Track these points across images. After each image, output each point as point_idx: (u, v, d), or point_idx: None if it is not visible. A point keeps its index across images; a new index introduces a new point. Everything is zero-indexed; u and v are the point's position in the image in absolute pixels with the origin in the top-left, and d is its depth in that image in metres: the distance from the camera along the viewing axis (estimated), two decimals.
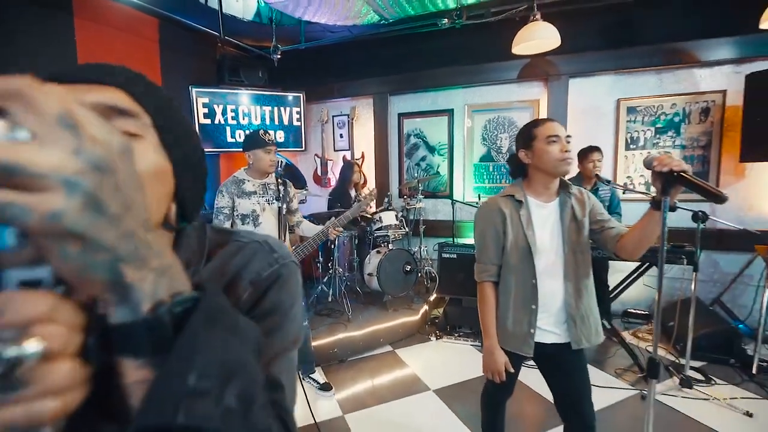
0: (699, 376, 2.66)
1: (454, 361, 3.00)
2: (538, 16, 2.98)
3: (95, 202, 0.24)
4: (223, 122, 4.30)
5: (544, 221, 1.43)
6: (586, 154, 3.10)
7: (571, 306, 1.39)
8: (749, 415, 2.26)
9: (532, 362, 1.55)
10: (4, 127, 0.22)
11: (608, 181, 2.66)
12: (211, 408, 0.26)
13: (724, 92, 3.31)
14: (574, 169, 2.03)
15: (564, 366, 1.45)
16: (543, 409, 2.35)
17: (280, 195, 2.25)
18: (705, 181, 1.12)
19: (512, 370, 1.45)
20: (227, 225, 2.24)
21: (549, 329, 1.42)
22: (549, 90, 3.78)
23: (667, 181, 1.12)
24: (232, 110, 4.34)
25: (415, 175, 4.50)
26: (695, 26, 3.24)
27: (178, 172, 0.44)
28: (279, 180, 2.28)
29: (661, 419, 2.25)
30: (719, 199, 1.07)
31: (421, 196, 4.07)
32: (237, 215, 2.22)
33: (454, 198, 4.21)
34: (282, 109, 4.54)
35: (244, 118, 4.39)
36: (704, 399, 2.43)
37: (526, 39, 3.01)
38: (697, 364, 2.81)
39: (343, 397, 2.56)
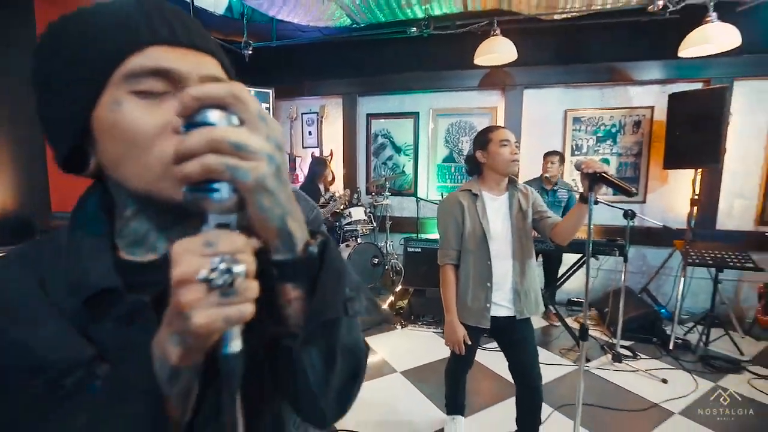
0: (627, 353, 3.08)
1: (418, 346, 3.23)
2: (498, 31, 3.29)
3: (279, 171, 0.34)
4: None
5: (496, 212, 1.70)
6: (544, 156, 3.49)
7: (517, 283, 1.67)
8: (665, 381, 2.68)
9: (488, 346, 1.80)
10: (223, 117, 0.32)
11: (559, 185, 3.04)
12: (359, 305, 0.42)
13: (652, 108, 3.81)
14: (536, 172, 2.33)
15: (515, 336, 1.72)
16: (498, 384, 2.63)
17: None
18: (623, 181, 1.42)
19: (470, 342, 1.68)
20: None
21: (502, 304, 1.67)
22: (506, 98, 4.12)
23: (592, 180, 1.40)
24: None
25: (382, 173, 4.69)
26: (631, 49, 3.70)
27: None
28: None
29: (596, 388, 2.62)
30: (629, 193, 1.37)
31: (388, 194, 4.27)
32: None
33: (419, 196, 4.46)
34: None
35: None
36: (631, 371, 2.84)
37: (487, 52, 3.31)
38: (627, 343, 3.24)
39: None
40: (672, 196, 3.88)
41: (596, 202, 1.48)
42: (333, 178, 4.69)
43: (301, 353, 0.40)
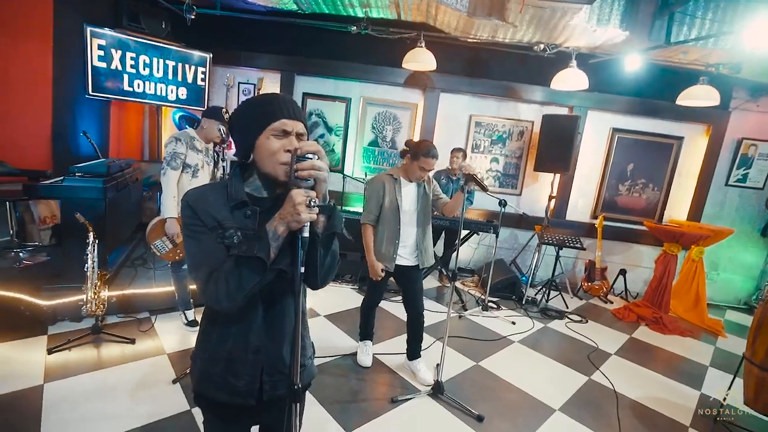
0: (493, 305, 4.16)
1: (338, 298, 3.92)
2: (423, 43, 3.96)
3: (328, 173, 0.88)
4: (120, 69, 4.17)
5: (408, 193, 2.44)
6: (451, 152, 4.31)
7: (418, 242, 2.43)
8: (513, 323, 3.78)
9: (394, 299, 2.55)
10: (314, 155, 0.86)
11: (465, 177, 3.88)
12: (344, 231, 1.02)
13: (532, 123, 4.89)
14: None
15: (409, 278, 2.50)
16: (398, 324, 3.45)
17: (215, 160, 2.75)
18: (482, 180, 2.23)
19: (382, 275, 2.41)
20: (179, 170, 2.63)
21: (405, 257, 2.43)
22: (426, 98, 4.87)
23: (467, 178, 2.18)
24: (131, 58, 4.23)
25: None
26: (521, 74, 4.69)
27: None
28: (216, 149, 2.76)
29: (469, 327, 3.59)
30: (485, 189, 2.18)
31: None
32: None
33: (345, 173, 5.05)
34: (186, 66, 4.59)
35: (144, 69, 4.31)
36: (493, 317, 3.89)
37: (412, 59, 3.98)
38: (495, 299, 4.33)
39: None
40: (540, 191, 5.07)
41: (470, 191, 2.27)
42: None
43: (318, 246, 0.95)
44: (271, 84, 5.04)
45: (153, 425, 1.98)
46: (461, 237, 4.44)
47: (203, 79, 4.72)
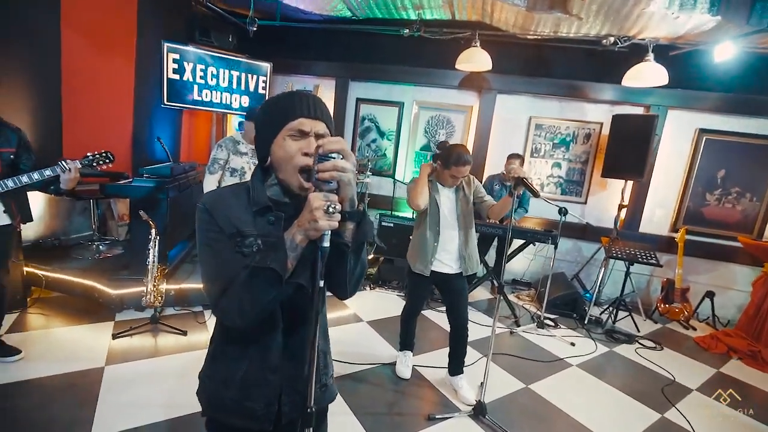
0: (550, 323, 3.81)
1: (383, 304, 3.85)
2: (478, 43, 3.79)
3: (355, 176, 0.80)
4: (191, 80, 4.53)
5: (447, 197, 2.32)
6: (507, 157, 4.08)
7: (461, 249, 2.28)
8: (573, 344, 3.42)
9: (440, 309, 2.41)
10: (338, 154, 0.75)
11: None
12: (375, 240, 0.93)
13: (601, 124, 4.46)
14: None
15: (453, 287, 2.34)
16: (442, 335, 3.28)
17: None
18: (532, 182, 2.03)
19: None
20: (218, 174, 2.77)
21: (446, 263, 2.30)
22: (481, 100, 4.66)
23: (516, 182, 1.99)
24: (201, 70, 4.57)
25: (366, 154, 5.17)
26: (587, 71, 4.30)
27: None
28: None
29: (520, 344, 3.32)
30: (537, 194, 1.97)
31: (369, 173, 4.76)
32: (228, 168, 2.76)
33: (396, 178, 4.99)
34: (249, 75, 4.87)
35: (212, 79, 4.65)
36: (549, 336, 3.56)
37: (466, 60, 3.82)
38: (553, 315, 3.98)
39: None
40: (608, 200, 4.59)
41: (520, 196, 2.09)
42: None
43: (349, 256, 0.85)
44: (327, 90, 5.16)
45: (194, 416, 2.05)
46: (516, 247, 4.17)
47: (264, 88, 4.97)
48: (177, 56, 4.38)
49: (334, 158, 0.76)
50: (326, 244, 0.75)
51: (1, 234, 2.25)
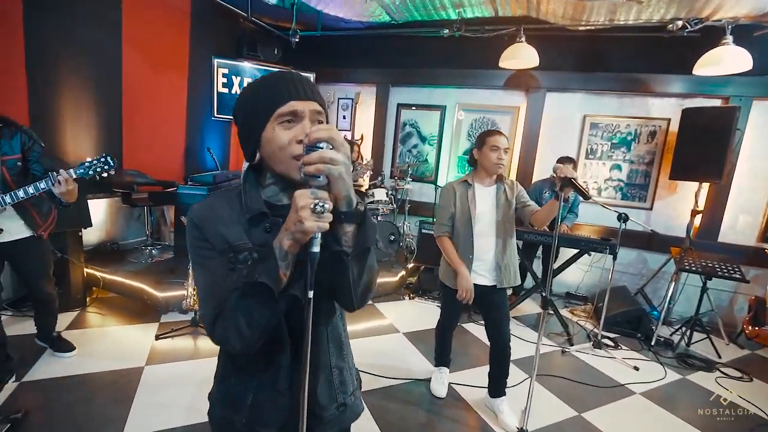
0: (609, 342, 3.40)
1: (421, 315, 3.67)
2: (523, 38, 3.55)
3: (348, 168, 0.65)
4: (239, 93, 4.74)
5: (484, 199, 2.10)
6: (558, 161, 3.76)
7: (498, 257, 2.05)
8: (636, 369, 3.00)
9: (482, 321, 2.22)
10: (326, 144, 0.63)
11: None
12: (379, 244, 0.85)
13: (668, 120, 3.98)
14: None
15: (492, 301, 2.11)
16: (484, 351, 3.04)
17: None
18: (583, 186, 1.76)
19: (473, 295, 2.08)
20: None
21: (483, 274, 2.07)
22: (529, 100, 4.37)
23: (563, 182, 1.75)
24: (248, 83, 4.78)
25: (407, 160, 5.06)
26: (651, 62, 3.86)
27: None
28: None
29: (572, 366, 2.99)
30: (586, 197, 1.71)
31: (410, 179, 4.64)
32: None
33: (438, 184, 4.82)
34: None
35: None
36: (608, 357, 3.17)
37: (510, 57, 3.59)
38: (612, 335, 3.55)
39: None
40: (678, 205, 4.06)
41: (566, 200, 1.83)
42: (361, 159, 5.11)
43: (349, 264, 0.72)
44: (368, 97, 5.16)
45: None
46: (568, 257, 3.80)
47: None
48: (226, 71, 4.61)
49: (321, 148, 0.64)
50: (316, 248, 0.65)
51: (28, 246, 2.15)
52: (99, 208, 3.70)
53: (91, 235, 3.65)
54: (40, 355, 2.52)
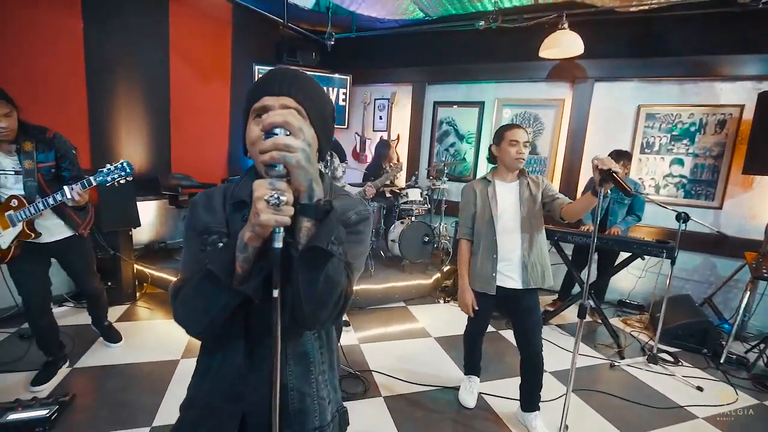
0: (668, 357, 3.04)
1: (455, 320, 3.52)
2: (566, 24, 3.29)
3: (309, 156, 0.60)
4: None
5: (506, 196, 1.95)
6: (609, 155, 3.45)
7: (524, 255, 1.89)
8: (700, 389, 2.65)
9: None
10: (282, 131, 0.60)
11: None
12: (338, 249, 0.68)
13: (742, 107, 3.50)
14: None
15: (520, 305, 1.95)
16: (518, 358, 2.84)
17: (327, 164, 2.82)
18: (624, 181, 1.53)
19: (476, 308, 1.96)
20: None
21: (509, 275, 1.92)
22: (575, 91, 4.06)
23: (603, 175, 1.54)
24: None
25: (443, 159, 4.92)
26: (718, 42, 3.42)
27: (319, 137, 0.77)
28: (329, 153, 2.84)
29: (622, 382, 2.71)
30: (628, 193, 1.50)
31: (446, 179, 4.48)
32: None
33: None
34: (330, 89, 5.06)
35: None
36: (665, 374, 2.83)
37: (552, 45, 3.34)
38: (672, 349, 3.18)
39: (361, 333, 3.15)
40: (754, 203, 3.56)
41: (606, 195, 1.63)
42: (398, 160, 5.05)
43: (299, 269, 0.64)
44: (404, 96, 5.10)
45: None
46: (620, 260, 3.45)
47: (344, 100, 5.11)
48: None
49: (276, 134, 0.60)
50: (278, 244, 0.61)
51: (70, 245, 2.25)
52: (148, 210, 3.96)
53: (141, 235, 3.91)
54: (92, 344, 2.73)
